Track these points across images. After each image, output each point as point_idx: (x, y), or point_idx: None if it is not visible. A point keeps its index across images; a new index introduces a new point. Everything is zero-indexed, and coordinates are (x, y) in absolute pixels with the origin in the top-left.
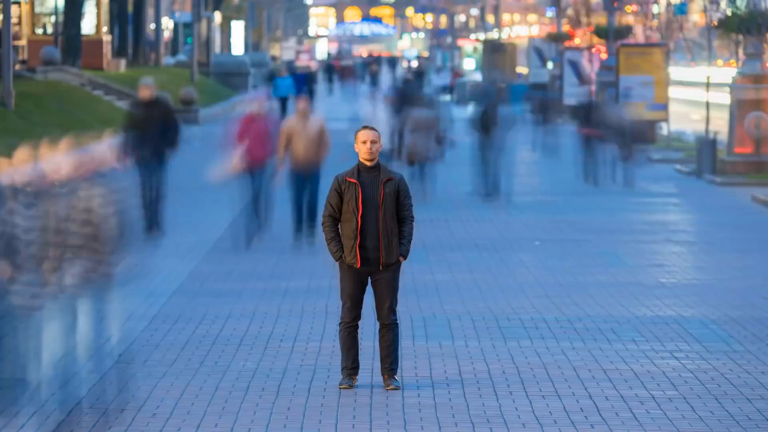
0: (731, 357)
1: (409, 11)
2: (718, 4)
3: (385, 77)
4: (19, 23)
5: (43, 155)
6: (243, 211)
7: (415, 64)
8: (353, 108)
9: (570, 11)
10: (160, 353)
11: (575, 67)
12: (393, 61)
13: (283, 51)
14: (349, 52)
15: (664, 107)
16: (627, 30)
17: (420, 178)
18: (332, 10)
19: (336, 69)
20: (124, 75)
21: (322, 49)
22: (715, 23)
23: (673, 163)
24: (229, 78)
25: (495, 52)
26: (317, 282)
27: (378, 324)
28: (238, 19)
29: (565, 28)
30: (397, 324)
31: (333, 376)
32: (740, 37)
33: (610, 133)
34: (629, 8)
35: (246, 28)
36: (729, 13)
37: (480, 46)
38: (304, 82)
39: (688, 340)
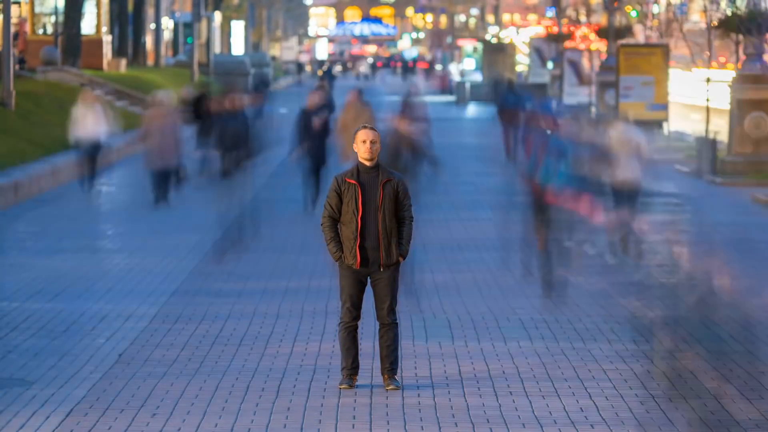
0: (731, 357)
1: (409, 11)
2: (718, 4)
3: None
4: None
5: None
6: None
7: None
8: None
9: (570, 11)
10: (160, 353)
11: (575, 67)
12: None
13: (283, 51)
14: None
15: (664, 107)
16: (627, 30)
17: None
18: (332, 10)
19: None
20: (124, 75)
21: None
22: (715, 23)
23: (673, 163)
24: (229, 78)
25: (494, 52)
26: (317, 282)
27: (378, 324)
28: (238, 19)
29: (565, 29)
30: (397, 324)
31: (333, 377)
32: (740, 37)
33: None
34: (629, 8)
35: (246, 28)
36: (729, 13)
37: (480, 46)
38: None
39: (688, 340)
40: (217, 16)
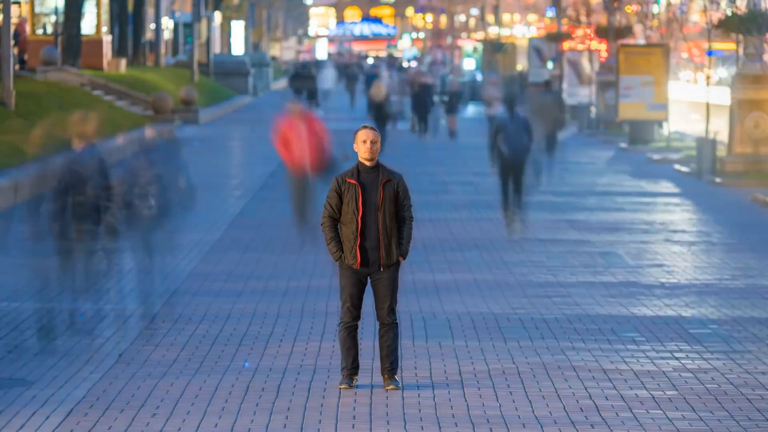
0: (731, 357)
1: (409, 11)
2: (718, 4)
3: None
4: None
5: None
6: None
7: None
8: None
9: (570, 11)
10: (160, 353)
11: (575, 67)
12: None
13: (283, 51)
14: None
15: (664, 107)
16: (627, 30)
17: None
18: (332, 10)
19: None
20: (124, 75)
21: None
22: (715, 23)
23: (673, 163)
24: (229, 78)
25: (495, 52)
26: (317, 282)
27: (378, 324)
28: (238, 19)
29: (565, 29)
30: (397, 324)
31: (333, 376)
32: (740, 37)
33: None
34: (629, 8)
35: (246, 28)
36: (729, 13)
37: (480, 46)
38: None
39: (688, 340)
40: (217, 16)
